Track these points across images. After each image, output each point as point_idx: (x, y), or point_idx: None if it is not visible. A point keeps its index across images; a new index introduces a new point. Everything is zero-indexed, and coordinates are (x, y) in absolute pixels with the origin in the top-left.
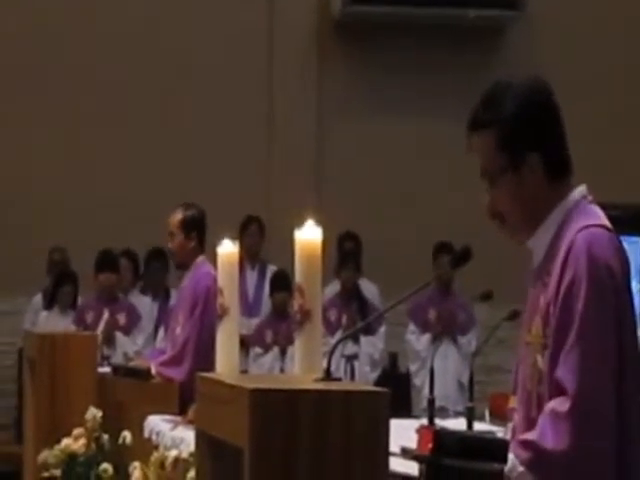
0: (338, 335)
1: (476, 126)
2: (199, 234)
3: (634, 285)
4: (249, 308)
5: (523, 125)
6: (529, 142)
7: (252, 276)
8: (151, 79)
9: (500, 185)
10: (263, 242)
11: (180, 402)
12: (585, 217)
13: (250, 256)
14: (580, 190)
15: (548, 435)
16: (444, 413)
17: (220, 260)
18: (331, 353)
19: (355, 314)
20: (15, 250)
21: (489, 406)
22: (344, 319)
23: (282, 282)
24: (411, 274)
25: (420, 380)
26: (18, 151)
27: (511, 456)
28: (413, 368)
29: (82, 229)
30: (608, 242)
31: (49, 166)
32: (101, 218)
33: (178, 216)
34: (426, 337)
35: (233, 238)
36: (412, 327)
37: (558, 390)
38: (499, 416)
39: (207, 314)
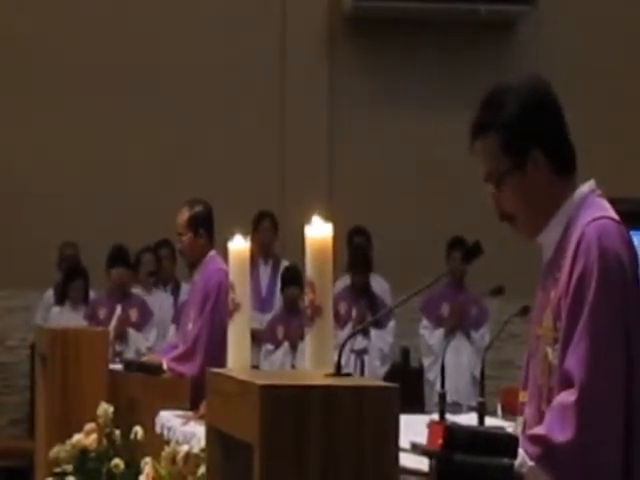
0: (348, 328)
1: (478, 131)
2: (208, 230)
3: None
4: (262, 303)
5: (525, 123)
6: (532, 139)
7: (265, 271)
8: (163, 76)
9: (507, 186)
10: (276, 238)
11: (192, 397)
12: (594, 210)
13: (263, 252)
14: (589, 184)
15: (555, 428)
16: (457, 408)
17: (231, 256)
18: (341, 348)
19: (365, 309)
20: (27, 245)
21: (501, 401)
22: (354, 312)
23: (293, 277)
24: (422, 270)
25: (433, 375)
26: (32, 148)
27: (521, 451)
28: (426, 363)
29: (94, 225)
30: (617, 234)
31: (61, 162)
32: (113, 214)
33: (185, 215)
34: (439, 332)
35: (246, 234)
36: (425, 322)
37: (566, 382)
38: (511, 411)
39: (218, 310)
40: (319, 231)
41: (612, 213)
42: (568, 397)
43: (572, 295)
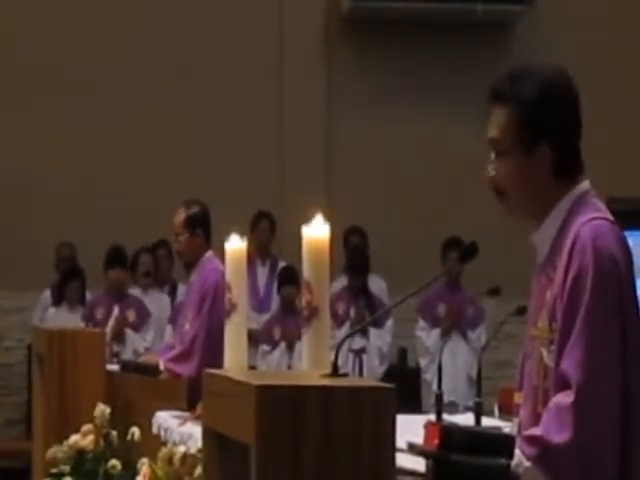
0: (345, 328)
1: (497, 97)
2: (204, 230)
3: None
4: (260, 304)
5: (541, 115)
6: (544, 132)
7: (263, 272)
8: (163, 76)
9: (508, 161)
10: (274, 238)
11: (188, 398)
12: (589, 210)
13: (261, 252)
14: (584, 185)
15: (552, 429)
16: (454, 408)
17: (228, 256)
18: (338, 349)
19: (362, 309)
20: (24, 246)
21: (498, 401)
22: (352, 312)
23: (289, 276)
24: (418, 270)
25: (430, 376)
26: (30, 148)
27: (517, 452)
28: (423, 363)
29: (91, 225)
30: (612, 234)
31: (59, 163)
32: (111, 214)
33: (181, 216)
34: (436, 332)
35: (243, 234)
36: (422, 323)
37: (563, 383)
38: (508, 411)
39: (215, 310)
40: (316, 231)
41: (607, 214)
42: (565, 398)
43: (567, 296)
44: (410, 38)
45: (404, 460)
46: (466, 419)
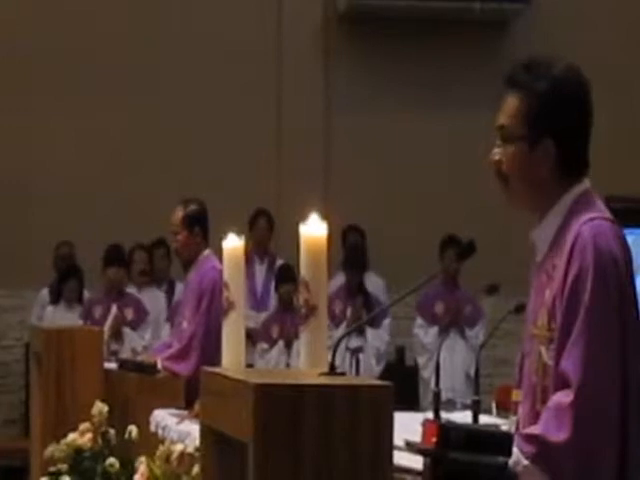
0: (343, 327)
1: (510, 84)
2: (202, 228)
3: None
4: (257, 302)
5: (550, 110)
6: (550, 128)
7: (261, 270)
8: (161, 75)
9: (512, 149)
10: (272, 236)
11: (186, 396)
12: (589, 210)
13: (259, 250)
14: (584, 184)
15: (551, 428)
16: (452, 406)
17: (225, 254)
18: (335, 348)
19: (360, 308)
20: (23, 245)
21: (495, 399)
22: (349, 311)
23: (287, 274)
24: (416, 269)
25: (428, 373)
26: (27, 147)
27: (515, 450)
28: (421, 361)
29: (90, 224)
30: (612, 234)
31: (58, 162)
32: (110, 213)
33: (179, 214)
34: (434, 330)
35: (241, 232)
36: (420, 321)
37: (562, 382)
38: (506, 409)
39: (213, 308)
40: (314, 230)
41: (607, 213)
42: (564, 397)
43: (567, 296)
44: (407, 36)
45: (402, 458)
46: (464, 417)
